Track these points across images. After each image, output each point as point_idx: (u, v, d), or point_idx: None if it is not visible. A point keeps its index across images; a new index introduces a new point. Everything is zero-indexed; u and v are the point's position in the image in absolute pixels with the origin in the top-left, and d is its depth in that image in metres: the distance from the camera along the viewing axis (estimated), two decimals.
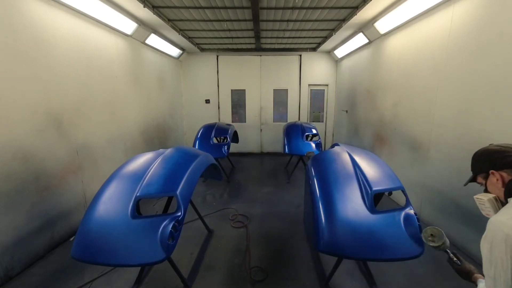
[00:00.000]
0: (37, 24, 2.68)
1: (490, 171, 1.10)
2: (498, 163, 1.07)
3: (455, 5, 2.86)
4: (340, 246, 1.76)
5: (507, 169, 1.05)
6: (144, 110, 5.09)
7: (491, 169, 1.09)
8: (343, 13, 4.20)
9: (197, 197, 4.40)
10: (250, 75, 7.41)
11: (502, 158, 1.07)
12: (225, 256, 2.76)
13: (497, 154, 1.09)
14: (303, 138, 5.18)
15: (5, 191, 2.35)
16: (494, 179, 1.09)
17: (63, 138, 3.02)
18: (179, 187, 2.03)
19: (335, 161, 2.39)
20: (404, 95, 3.88)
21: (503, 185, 1.06)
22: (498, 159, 1.08)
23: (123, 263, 1.75)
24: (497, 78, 2.36)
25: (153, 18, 4.20)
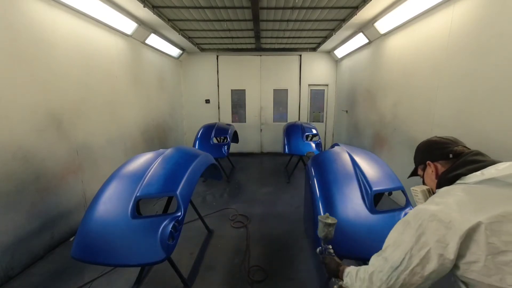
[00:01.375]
0: (37, 24, 2.68)
1: (427, 162, 1.08)
2: (436, 154, 1.05)
3: (455, 5, 2.86)
4: (340, 246, 1.76)
5: (442, 160, 1.03)
6: (144, 110, 5.09)
7: (428, 159, 1.08)
8: (343, 13, 4.20)
9: (197, 197, 4.40)
10: (250, 75, 7.41)
11: (439, 149, 1.04)
12: (225, 256, 2.76)
13: (436, 145, 1.07)
14: (303, 138, 5.18)
15: (5, 191, 2.35)
16: (430, 170, 1.07)
17: (63, 138, 3.02)
18: (179, 187, 2.03)
19: (335, 161, 2.39)
20: (404, 95, 3.88)
21: (436, 177, 1.04)
22: (436, 149, 1.06)
23: (123, 263, 1.75)
24: (497, 78, 2.36)
25: (153, 18, 4.20)
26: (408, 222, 0.87)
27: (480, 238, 0.73)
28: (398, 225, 0.92)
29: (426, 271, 0.79)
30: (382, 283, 0.87)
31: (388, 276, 0.86)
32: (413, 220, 0.85)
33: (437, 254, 0.77)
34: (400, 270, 0.83)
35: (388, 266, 0.87)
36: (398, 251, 0.85)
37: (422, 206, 0.88)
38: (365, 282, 0.93)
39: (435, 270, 0.78)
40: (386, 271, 0.87)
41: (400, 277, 0.83)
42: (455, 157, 0.98)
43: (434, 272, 0.79)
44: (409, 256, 0.82)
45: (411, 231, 0.84)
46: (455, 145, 1.02)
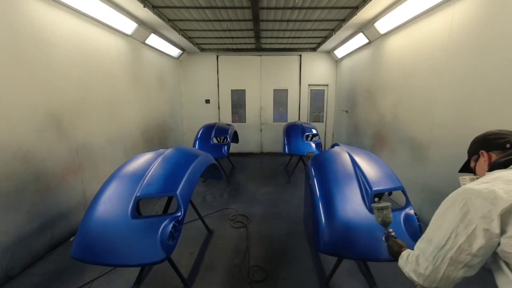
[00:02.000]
0: (37, 24, 2.68)
1: (481, 151, 1.09)
2: (491, 144, 1.06)
3: (455, 5, 2.86)
4: (340, 246, 1.76)
5: (497, 150, 1.03)
6: (144, 110, 5.09)
7: (483, 149, 1.08)
8: (343, 13, 4.20)
9: (197, 197, 4.40)
10: (250, 75, 7.41)
11: (496, 139, 1.06)
12: (225, 256, 2.76)
13: (492, 136, 1.08)
14: (303, 138, 5.17)
15: (5, 191, 2.35)
16: (483, 160, 1.08)
17: (63, 138, 3.02)
18: (179, 187, 2.03)
19: (335, 161, 2.39)
20: (404, 95, 3.88)
21: (488, 166, 1.04)
22: (492, 139, 1.07)
23: (123, 263, 1.75)
24: (497, 78, 2.36)
25: (153, 18, 4.20)
26: (451, 202, 0.88)
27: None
28: (442, 205, 0.92)
29: (473, 248, 0.80)
30: (429, 264, 0.88)
31: (433, 256, 0.87)
32: (458, 199, 0.86)
33: (483, 230, 0.78)
34: (446, 249, 0.84)
35: (432, 247, 0.88)
36: (442, 231, 0.86)
37: (466, 186, 0.88)
38: (413, 264, 0.96)
39: (482, 246, 0.78)
40: (431, 252, 0.88)
41: (447, 256, 0.84)
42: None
43: (482, 248, 0.79)
44: (455, 235, 0.82)
45: (455, 210, 0.84)
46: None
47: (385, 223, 1.39)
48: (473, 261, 0.81)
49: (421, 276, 0.91)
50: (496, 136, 1.07)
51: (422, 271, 0.91)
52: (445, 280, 0.86)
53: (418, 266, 0.93)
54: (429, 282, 0.90)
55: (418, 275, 0.93)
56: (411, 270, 0.97)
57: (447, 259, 0.84)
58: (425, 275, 0.90)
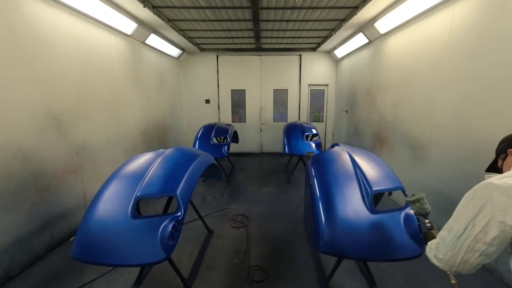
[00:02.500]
0: (37, 24, 2.68)
1: (509, 150, 1.10)
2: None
3: (455, 5, 2.86)
4: (340, 246, 1.76)
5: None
6: (144, 110, 5.09)
7: (510, 148, 1.09)
8: (343, 13, 4.20)
9: (197, 197, 4.40)
10: (250, 75, 7.41)
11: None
12: (225, 256, 2.76)
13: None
14: (303, 138, 5.17)
15: (5, 191, 2.35)
16: (510, 158, 1.09)
17: (63, 138, 3.02)
18: (179, 187, 2.03)
19: (335, 161, 2.39)
20: (404, 95, 3.88)
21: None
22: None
23: (123, 263, 1.74)
24: (497, 78, 2.36)
25: (153, 18, 4.20)
26: (473, 195, 0.93)
27: None
28: (464, 197, 0.98)
29: (488, 238, 0.86)
30: (448, 251, 0.98)
31: (452, 244, 0.96)
32: (479, 192, 0.91)
33: (498, 221, 0.83)
34: (464, 238, 0.92)
35: (452, 236, 0.97)
36: (462, 221, 0.93)
37: (488, 180, 0.92)
38: (434, 251, 1.07)
39: (496, 236, 0.84)
40: (450, 240, 0.97)
41: (464, 244, 0.92)
42: None
43: (496, 238, 0.85)
44: (472, 225, 0.89)
45: (475, 202, 0.90)
46: None
47: (421, 214, 1.44)
48: (489, 250, 0.87)
49: (441, 261, 1.02)
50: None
51: (441, 256, 1.01)
52: (463, 265, 0.94)
53: (439, 252, 1.03)
54: (449, 267, 0.99)
55: (438, 260, 1.03)
56: (433, 256, 1.07)
57: (465, 247, 0.91)
58: (444, 260, 1.00)
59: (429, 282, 2.33)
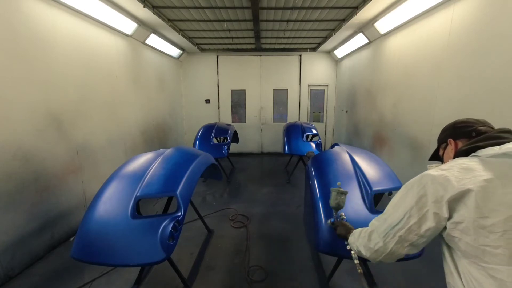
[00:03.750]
0: (37, 24, 2.68)
1: (449, 140, 1.09)
2: (458, 132, 1.07)
3: (455, 5, 2.86)
4: (340, 246, 1.76)
5: (464, 138, 1.04)
6: (144, 110, 5.09)
7: (450, 137, 1.09)
8: (343, 13, 4.20)
9: (197, 197, 4.40)
10: (250, 75, 7.41)
11: (463, 127, 1.06)
12: (225, 256, 2.76)
13: (461, 124, 1.08)
14: (303, 138, 5.17)
15: (5, 191, 2.35)
16: (450, 148, 1.09)
17: (63, 138, 3.02)
18: (179, 187, 2.03)
19: (335, 161, 2.39)
20: (404, 95, 3.89)
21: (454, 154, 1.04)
22: (459, 127, 1.08)
23: (123, 263, 1.74)
24: (497, 78, 2.36)
25: (153, 18, 4.20)
26: (410, 186, 0.94)
27: (470, 202, 0.78)
28: (401, 189, 0.98)
29: (422, 229, 0.88)
30: (380, 240, 0.99)
31: (385, 233, 0.97)
32: (416, 184, 0.91)
33: (433, 213, 0.85)
34: (398, 228, 0.93)
35: (386, 225, 0.98)
36: (398, 212, 0.94)
37: (426, 172, 0.93)
38: (365, 239, 1.08)
39: (430, 227, 0.86)
40: (383, 229, 0.98)
41: (397, 234, 0.93)
42: (478, 136, 0.98)
43: (429, 230, 0.87)
44: (408, 216, 0.90)
45: (413, 194, 0.91)
46: (480, 125, 1.02)
47: (338, 207, 1.55)
48: (419, 241, 0.90)
49: (369, 250, 1.04)
50: (464, 124, 1.07)
51: (372, 245, 1.03)
52: (390, 255, 0.97)
53: (370, 241, 1.04)
54: (375, 256, 1.02)
55: (366, 249, 1.06)
56: (362, 244, 1.09)
57: (396, 237, 0.93)
58: (373, 249, 1.02)
59: (429, 282, 2.33)
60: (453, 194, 0.80)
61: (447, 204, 0.82)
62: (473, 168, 0.82)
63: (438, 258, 1.02)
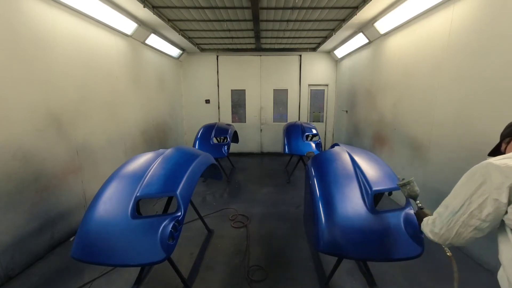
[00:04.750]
0: (37, 24, 2.68)
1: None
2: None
3: (455, 5, 2.86)
4: (340, 246, 1.76)
5: None
6: (144, 110, 5.09)
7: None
8: (343, 13, 4.20)
9: (197, 197, 4.40)
10: (250, 75, 7.41)
11: None
12: (225, 256, 2.76)
13: None
14: (303, 138, 5.17)
15: (5, 191, 2.35)
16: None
17: (63, 138, 3.02)
18: (179, 187, 2.03)
19: (335, 161, 2.39)
20: (404, 95, 3.88)
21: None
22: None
23: (123, 263, 1.74)
24: (497, 78, 2.36)
25: (153, 18, 4.20)
26: (473, 173, 0.98)
27: None
28: (463, 177, 1.03)
29: (483, 214, 0.92)
30: (443, 225, 1.05)
31: (448, 219, 1.03)
32: (478, 171, 0.96)
33: (493, 199, 0.90)
34: (460, 214, 0.98)
35: (448, 212, 1.03)
36: (459, 198, 1.00)
37: (488, 160, 0.96)
38: (430, 226, 1.14)
39: (490, 213, 0.91)
40: (446, 216, 1.04)
41: (459, 219, 0.99)
42: None
43: (490, 215, 0.91)
44: (469, 202, 0.96)
45: (473, 181, 0.95)
46: None
47: (411, 197, 1.54)
48: (482, 225, 0.94)
49: (437, 235, 1.10)
50: None
51: (437, 230, 1.09)
52: (457, 238, 1.02)
53: (435, 227, 1.10)
54: (443, 240, 1.08)
55: (434, 234, 1.12)
56: (429, 230, 1.15)
57: (460, 222, 0.99)
58: (439, 234, 1.08)
59: (429, 282, 2.33)
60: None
61: (507, 190, 0.86)
62: None
63: (438, 258, 1.03)
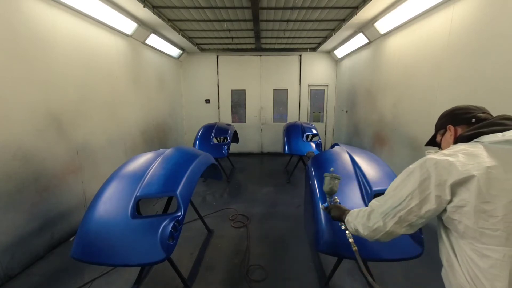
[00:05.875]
0: (37, 24, 2.68)
1: (448, 126, 1.09)
2: (458, 118, 1.07)
3: (455, 5, 2.86)
4: (340, 246, 1.76)
5: (464, 125, 1.04)
6: (144, 110, 5.09)
7: (450, 124, 1.09)
8: (343, 13, 4.20)
9: (197, 197, 4.40)
10: (250, 75, 7.41)
11: (463, 114, 1.06)
12: (225, 256, 2.76)
13: (460, 110, 1.09)
14: (303, 138, 5.17)
15: (5, 191, 2.35)
16: (449, 134, 1.09)
17: (63, 138, 3.02)
18: (179, 187, 2.03)
19: (335, 161, 2.39)
20: (404, 95, 3.88)
21: (454, 140, 1.04)
22: (459, 114, 1.08)
23: (123, 263, 1.74)
24: (497, 78, 2.36)
25: (153, 18, 4.20)
26: (413, 169, 0.96)
27: (473, 188, 0.80)
28: (403, 172, 1.00)
29: (422, 211, 0.90)
30: (379, 220, 1.01)
31: (385, 213, 0.99)
32: (419, 167, 0.93)
33: (435, 196, 0.87)
34: (398, 209, 0.95)
35: (387, 206, 0.99)
36: (400, 194, 0.96)
37: (429, 156, 0.94)
38: (363, 218, 1.09)
39: (430, 209, 0.89)
40: (384, 210, 1.00)
41: (397, 214, 0.95)
42: (477, 123, 0.99)
43: (429, 211, 0.89)
44: (410, 198, 0.92)
45: (415, 177, 0.92)
46: (479, 111, 1.03)
47: (332, 192, 1.57)
48: (418, 221, 0.93)
49: (368, 229, 1.06)
50: (463, 111, 1.07)
51: (370, 224, 1.05)
52: (387, 234, 1.00)
53: (369, 221, 1.06)
54: (373, 235, 1.04)
55: (365, 228, 1.08)
56: (360, 223, 1.11)
57: (396, 218, 0.95)
58: (372, 228, 1.04)
59: (429, 282, 2.33)
60: (457, 179, 0.82)
61: (450, 188, 0.84)
62: (477, 154, 0.84)
63: (438, 258, 1.02)
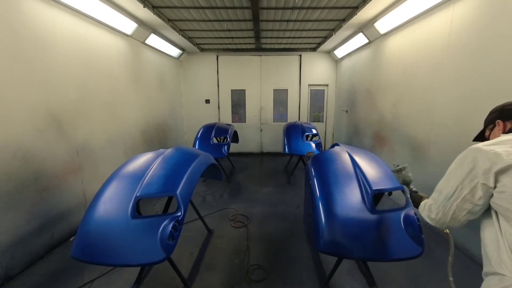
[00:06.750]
0: (37, 24, 2.68)
1: (497, 121, 1.15)
2: (506, 114, 1.13)
3: (455, 5, 2.86)
4: (340, 246, 1.76)
5: None
6: (144, 110, 5.09)
7: (499, 119, 1.14)
8: (343, 13, 4.20)
9: (197, 197, 4.40)
10: (250, 75, 7.41)
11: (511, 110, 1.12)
12: (225, 256, 2.76)
13: (509, 106, 1.14)
14: (303, 138, 5.17)
15: (5, 191, 2.35)
16: (498, 129, 1.15)
17: (63, 138, 3.02)
18: (179, 187, 2.03)
19: (335, 161, 2.39)
20: (404, 95, 3.88)
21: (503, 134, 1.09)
22: (508, 110, 1.13)
23: (123, 263, 1.74)
24: (497, 78, 2.36)
25: (153, 18, 4.20)
26: (462, 159, 1.04)
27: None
28: (454, 163, 1.09)
29: (475, 198, 0.99)
30: (439, 211, 1.11)
31: (443, 205, 1.09)
32: (468, 157, 1.01)
33: (482, 184, 0.96)
34: (453, 199, 1.04)
35: (442, 197, 1.09)
36: (451, 184, 1.05)
37: (476, 145, 1.01)
38: (426, 211, 1.20)
39: (481, 196, 0.97)
40: (441, 201, 1.10)
41: (454, 204, 1.05)
42: None
43: (481, 199, 0.98)
44: (461, 188, 1.01)
45: (463, 167, 1.01)
46: None
47: (405, 182, 1.59)
48: (475, 208, 1.01)
49: (433, 220, 1.16)
50: None
51: (433, 216, 1.15)
52: (452, 221, 1.08)
53: (431, 212, 1.16)
54: (440, 224, 1.14)
55: (431, 219, 1.18)
56: (426, 215, 1.20)
57: (454, 207, 1.05)
58: (436, 219, 1.14)
59: (429, 282, 2.33)
60: (502, 166, 0.90)
61: (494, 175, 0.92)
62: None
63: (438, 258, 1.02)
